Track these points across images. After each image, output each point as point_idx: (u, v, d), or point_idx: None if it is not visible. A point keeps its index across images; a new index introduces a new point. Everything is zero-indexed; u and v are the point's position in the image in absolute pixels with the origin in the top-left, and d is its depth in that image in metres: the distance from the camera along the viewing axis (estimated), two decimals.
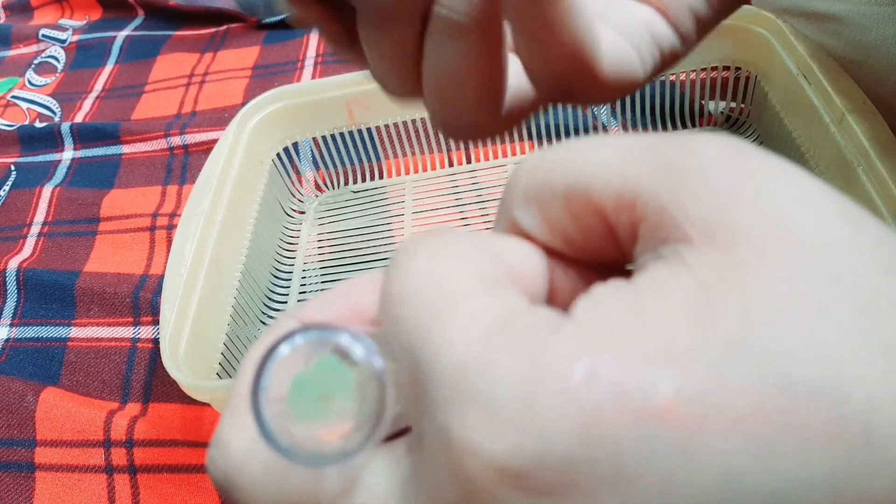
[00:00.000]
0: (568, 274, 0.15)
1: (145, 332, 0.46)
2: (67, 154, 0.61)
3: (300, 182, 0.53)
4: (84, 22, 0.78)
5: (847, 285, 0.10)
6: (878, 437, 0.10)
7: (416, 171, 0.53)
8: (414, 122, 0.51)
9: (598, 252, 0.14)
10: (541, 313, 0.12)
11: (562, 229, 0.14)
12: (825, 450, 0.10)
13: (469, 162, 0.53)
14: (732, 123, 0.51)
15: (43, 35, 0.76)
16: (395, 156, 0.53)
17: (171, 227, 0.52)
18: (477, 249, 0.13)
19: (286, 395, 0.11)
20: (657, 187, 0.12)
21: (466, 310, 0.12)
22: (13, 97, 0.69)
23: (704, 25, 0.23)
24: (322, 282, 0.48)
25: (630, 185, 0.12)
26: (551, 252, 0.14)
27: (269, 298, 0.47)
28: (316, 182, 0.53)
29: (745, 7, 0.45)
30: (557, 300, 0.15)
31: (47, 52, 0.74)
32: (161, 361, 0.35)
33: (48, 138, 0.62)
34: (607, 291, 0.12)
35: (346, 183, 0.53)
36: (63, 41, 0.75)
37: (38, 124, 0.64)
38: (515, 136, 0.52)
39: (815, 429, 0.10)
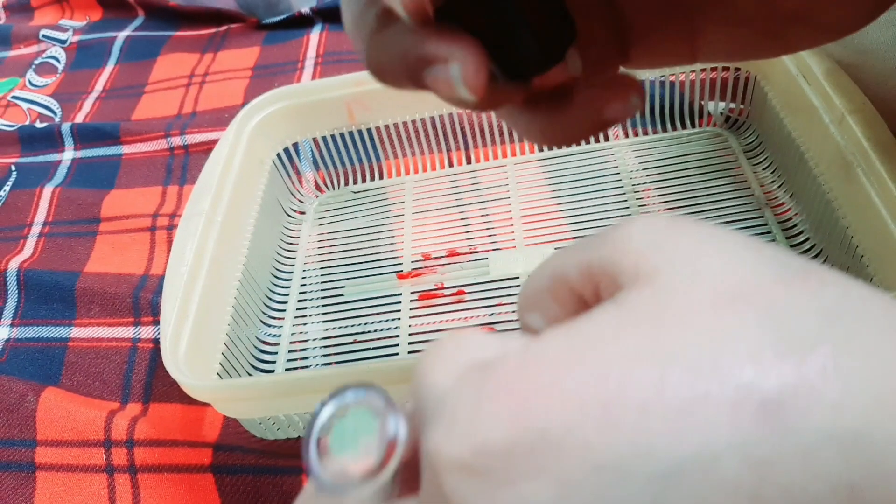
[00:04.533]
0: None
1: (146, 332, 0.46)
2: (68, 154, 0.61)
3: (300, 182, 0.53)
4: (84, 22, 0.78)
5: (745, 304, 0.13)
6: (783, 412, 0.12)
7: (416, 172, 0.53)
8: (414, 122, 0.51)
9: None
10: (508, 346, 0.15)
11: (555, 318, 0.17)
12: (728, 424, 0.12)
13: (469, 162, 0.53)
14: (732, 124, 0.51)
15: (43, 35, 0.76)
16: (396, 156, 0.53)
17: (171, 228, 0.52)
18: (480, 334, 0.17)
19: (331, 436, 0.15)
20: (602, 258, 0.15)
21: (450, 363, 0.15)
22: (14, 97, 0.69)
23: None
24: (322, 282, 0.48)
25: (586, 263, 0.16)
26: None
27: (270, 299, 0.47)
28: (316, 182, 0.53)
29: None
30: None
31: (48, 53, 0.74)
32: (161, 361, 0.36)
33: (48, 139, 0.62)
34: (554, 327, 0.14)
35: (347, 183, 0.53)
36: (63, 41, 0.75)
37: (38, 125, 0.64)
38: (515, 136, 0.52)
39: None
